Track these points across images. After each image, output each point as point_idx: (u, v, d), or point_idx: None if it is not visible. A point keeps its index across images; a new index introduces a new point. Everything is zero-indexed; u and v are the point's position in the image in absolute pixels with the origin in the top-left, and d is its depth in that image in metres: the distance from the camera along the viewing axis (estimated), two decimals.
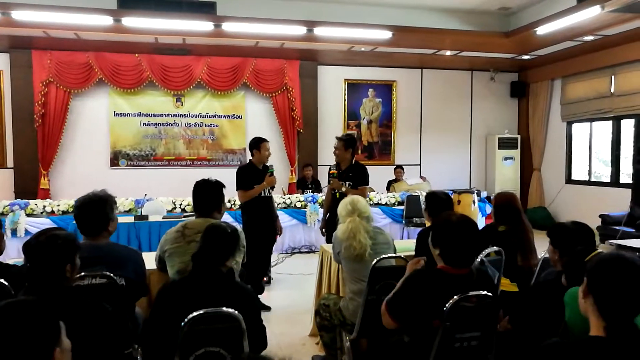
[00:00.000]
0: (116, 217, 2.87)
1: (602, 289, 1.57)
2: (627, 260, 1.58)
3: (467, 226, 2.28)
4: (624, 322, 1.53)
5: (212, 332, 2.05)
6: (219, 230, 2.41)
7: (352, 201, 3.46)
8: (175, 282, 2.39)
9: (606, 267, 1.59)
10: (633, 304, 1.55)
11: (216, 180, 3.20)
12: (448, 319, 2.17)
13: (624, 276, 1.55)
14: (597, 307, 1.57)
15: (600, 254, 1.69)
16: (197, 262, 2.31)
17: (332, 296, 3.61)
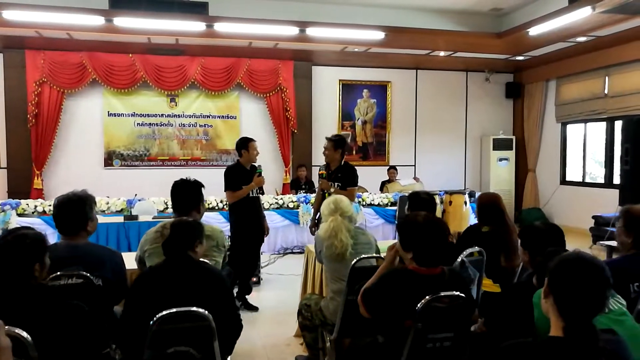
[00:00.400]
0: (96, 217, 2.86)
1: (561, 289, 1.57)
2: (587, 261, 1.58)
3: (433, 226, 2.28)
4: (582, 322, 1.53)
5: (181, 331, 2.05)
6: (182, 221, 2.57)
7: (335, 200, 3.46)
8: (148, 271, 2.44)
9: (566, 268, 1.59)
10: (592, 304, 1.54)
11: (195, 180, 3.19)
12: (420, 320, 2.16)
13: (583, 276, 1.55)
14: (556, 307, 1.57)
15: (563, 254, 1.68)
16: (167, 249, 2.43)
17: (314, 296, 3.61)
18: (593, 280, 1.54)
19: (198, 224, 2.61)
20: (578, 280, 1.55)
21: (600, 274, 1.56)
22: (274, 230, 7.77)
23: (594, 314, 1.56)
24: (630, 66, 8.25)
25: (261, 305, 5.15)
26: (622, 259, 2.62)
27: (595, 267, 1.56)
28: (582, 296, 1.53)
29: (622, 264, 2.56)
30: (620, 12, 6.46)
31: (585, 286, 1.54)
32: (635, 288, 2.45)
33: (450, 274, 2.29)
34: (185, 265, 2.38)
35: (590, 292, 1.54)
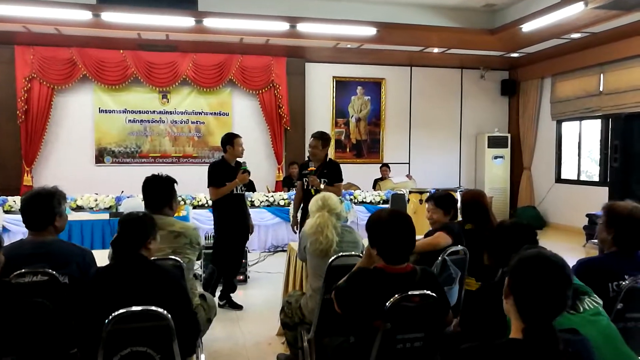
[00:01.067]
0: (65, 212, 2.79)
1: (521, 288, 1.50)
2: (548, 259, 1.51)
3: (398, 221, 2.21)
4: (542, 323, 1.46)
5: (138, 331, 1.98)
6: (130, 217, 2.46)
7: (323, 197, 3.42)
8: (99, 272, 2.33)
9: (525, 266, 1.52)
10: (552, 304, 1.48)
11: (167, 176, 3.13)
12: (389, 319, 2.09)
13: (543, 275, 1.48)
14: (516, 308, 1.50)
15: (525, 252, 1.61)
16: (116, 248, 2.34)
17: (296, 293, 3.54)
18: (553, 279, 1.48)
19: (149, 219, 2.49)
20: (538, 280, 1.48)
21: (561, 273, 1.49)
22: (265, 227, 7.72)
23: (554, 314, 1.49)
24: (625, 63, 8.17)
25: (247, 303, 5.09)
26: (601, 257, 2.55)
27: (556, 266, 1.50)
28: (542, 296, 1.47)
29: (601, 263, 2.49)
30: (613, 7, 6.38)
31: (545, 285, 1.47)
32: (614, 287, 2.38)
33: (422, 272, 2.22)
34: (137, 266, 2.27)
35: (550, 292, 1.47)
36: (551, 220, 10.09)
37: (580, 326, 1.89)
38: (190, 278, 3.08)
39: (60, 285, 2.52)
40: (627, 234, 2.45)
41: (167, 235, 2.99)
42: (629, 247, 2.47)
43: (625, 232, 2.45)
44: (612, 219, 2.50)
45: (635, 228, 2.44)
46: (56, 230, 2.72)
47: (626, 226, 2.44)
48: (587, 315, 1.95)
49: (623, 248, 2.47)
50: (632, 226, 2.44)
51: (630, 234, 2.45)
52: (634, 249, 2.48)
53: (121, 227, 2.40)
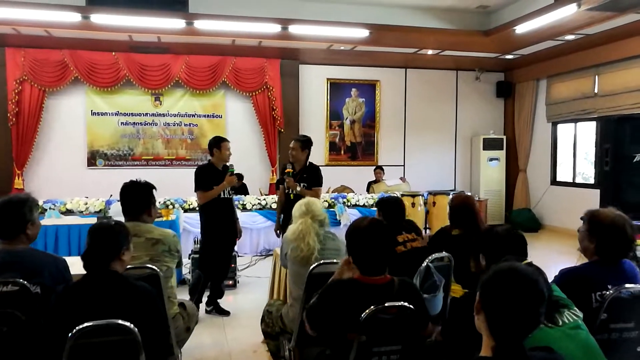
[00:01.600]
0: (38, 220, 2.72)
1: (492, 304, 1.44)
2: (521, 274, 1.44)
3: (376, 231, 2.15)
4: (513, 342, 1.40)
5: (103, 345, 1.91)
6: (101, 227, 2.31)
7: (307, 202, 3.36)
8: (66, 288, 2.23)
9: (497, 282, 1.45)
10: (524, 322, 1.41)
11: (145, 182, 3.06)
12: (364, 332, 2.03)
13: (515, 292, 1.41)
14: (487, 325, 1.44)
15: (500, 266, 1.55)
16: (86, 262, 2.20)
17: (277, 302, 3.48)
18: (525, 295, 1.41)
19: (122, 228, 2.37)
20: (509, 296, 1.41)
21: (534, 288, 1.42)
22: (257, 231, 7.66)
23: (526, 331, 1.42)
24: (620, 65, 8.12)
25: (235, 309, 5.03)
26: (583, 267, 2.47)
27: (529, 281, 1.43)
28: (513, 313, 1.40)
29: (584, 272, 2.42)
30: (606, 9, 6.32)
31: (516, 302, 1.41)
32: (598, 297, 2.31)
33: (400, 283, 2.16)
34: (106, 283, 2.16)
35: (522, 308, 1.41)
36: (546, 223, 10.03)
37: (559, 340, 1.84)
38: (169, 286, 3.00)
39: (31, 296, 2.46)
40: (610, 243, 2.38)
41: (144, 242, 2.93)
42: (612, 257, 2.40)
43: (608, 242, 2.38)
44: (595, 228, 2.43)
45: (618, 237, 2.37)
46: (28, 238, 2.66)
47: (609, 235, 2.37)
48: (566, 328, 1.89)
49: (605, 257, 2.40)
50: (614, 235, 2.37)
51: (613, 243, 2.38)
52: (616, 258, 2.41)
53: (91, 239, 2.26)
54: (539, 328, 1.84)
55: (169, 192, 7.71)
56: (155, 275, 2.73)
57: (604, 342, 2.29)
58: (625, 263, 2.44)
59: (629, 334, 2.35)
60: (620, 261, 2.42)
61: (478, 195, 10.30)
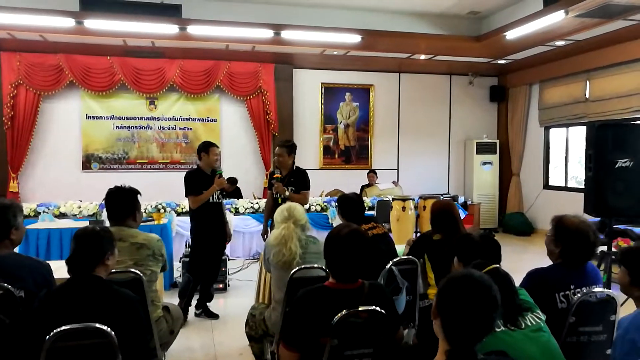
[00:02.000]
0: (22, 225, 2.78)
1: (447, 310, 1.49)
2: (475, 281, 1.50)
3: (353, 240, 2.19)
4: (465, 347, 1.45)
5: (80, 348, 1.96)
6: (86, 233, 2.33)
7: (289, 207, 3.41)
8: (49, 292, 2.27)
9: (452, 289, 1.51)
10: (477, 327, 1.47)
11: (130, 187, 3.12)
12: (336, 336, 2.08)
13: (469, 298, 1.47)
14: (442, 329, 1.49)
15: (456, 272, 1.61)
16: (70, 268, 2.23)
17: (261, 306, 3.54)
18: (479, 301, 1.47)
19: (106, 233, 2.39)
20: (463, 302, 1.47)
21: (488, 295, 1.48)
22: (249, 234, 7.72)
23: (479, 337, 1.48)
24: (610, 70, 8.19)
25: (225, 312, 5.09)
26: (548, 268, 2.55)
27: (483, 288, 1.49)
28: (466, 318, 1.46)
29: (548, 274, 2.50)
30: (594, 16, 6.40)
31: (470, 308, 1.46)
32: (562, 298, 2.40)
33: (370, 287, 2.21)
34: (89, 288, 2.18)
35: (475, 315, 1.46)
36: (539, 227, 10.08)
37: (521, 342, 1.91)
38: (153, 290, 3.06)
39: (15, 300, 2.50)
40: (574, 248, 2.47)
41: (129, 247, 2.98)
42: (575, 261, 2.49)
43: (572, 247, 2.47)
44: (560, 233, 2.53)
45: (582, 243, 2.46)
46: (12, 243, 2.70)
47: (573, 241, 2.47)
48: (528, 331, 1.95)
49: (569, 261, 2.49)
50: (578, 241, 2.46)
51: (577, 248, 2.47)
52: (580, 263, 2.50)
53: (76, 244, 2.29)
54: (503, 331, 1.91)
55: (164, 195, 7.78)
56: (139, 279, 2.78)
57: (573, 345, 2.37)
58: (588, 265, 2.54)
59: (597, 337, 2.41)
60: (584, 264, 2.51)
61: (471, 199, 10.37)
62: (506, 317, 1.95)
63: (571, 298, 2.38)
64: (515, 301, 1.99)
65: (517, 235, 9.98)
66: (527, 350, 1.86)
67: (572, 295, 2.39)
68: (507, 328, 1.90)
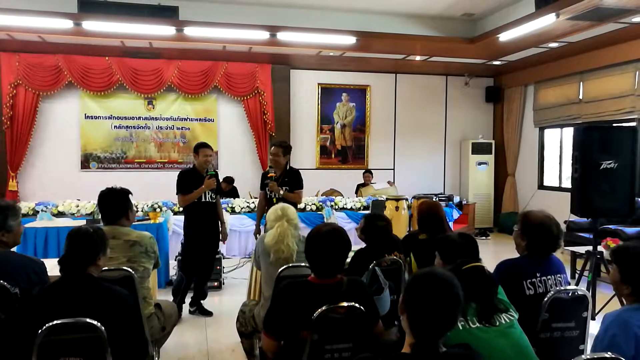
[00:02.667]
0: (17, 227, 2.84)
1: (413, 305, 1.58)
2: (439, 278, 1.59)
3: (332, 237, 2.29)
4: (429, 340, 1.54)
5: (71, 342, 2.05)
6: (80, 233, 2.39)
7: (282, 207, 3.51)
8: (42, 290, 2.36)
9: (417, 285, 1.60)
10: (440, 322, 1.56)
11: (121, 188, 3.21)
12: (316, 330, 2.17)
13: (433, 294, 1.56)
14: (409, 324, 1.58)
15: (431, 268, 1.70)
16: (62, 267, 2.30)
17: (251, 303, 3.63)
18: (442, 297, 1.56)
19: (99, 234, 2.46)
20: (427, 297, 1.56)
21: (450, 292, 1.57)
22: (245, 233, 7.80)
23: (442, 331, 1.57)
24: (604, 71, 8.28)
25: (218, 310, 5.18)
26: (516, 259, 2.72)
27: (446, 285, 1.58)
28: (430, 314, 1.55)
29: (516, 264, 2.67)
30: (586, 19, 6.47)
31: (434, 303, 1.55)
32: (529, 285, 2.54)
33: (348, 283, 2.30)
34: (82, 285, 2.25)
35: (439, 309, 1.55)
36: None
37: (494, 337, 1.99)
38: (145, 287, 3.15)
39: (10, 296, 2.59)
40: (538, 241, 2.64)
41: (122, 244, 3.07)
42: (540, 253, 2.65)
43: (537, 240, 2.64)
44: (525, 227, 2.69)
45: (545, 236, 2.63)
46: (6, 244, 2.78)
47: (537, 234, 2.63)
48: (502, 328, 2.03)
49: (535, 253, 2.65)
50: (542, 234, 2.63)
51: (541, 241, 2.64)
52: (544, 255, 2.66)
53: (70, 243, 2.35)
54: (477, 327, 2.00)
55: (161, 194, 7.87)
56: (130, 277, 2.87)
57: (546, 341, 2.46)
58: (553, 257, 2.71)
59: (570, 333, 2.51)
60: (548, 255, 2.68)
61: (467, 199, 10.46)
62: (481, 315, 2.04)
63: (538, 285, 2.55)
64: (493, 301, 2.08)
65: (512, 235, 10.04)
66: (499, 344, 1.95)
67: (539, 282, 2.56)
68: (481, 325, 2.00)
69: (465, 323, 1.97)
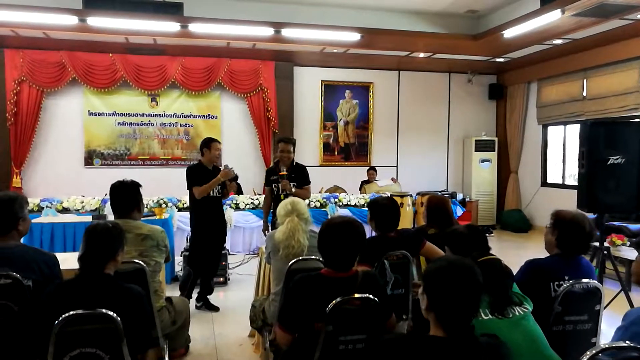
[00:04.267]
0: (28, 216, 2.87)
1: (437, 297, 1.59)
2: (459, 266, 1.60)
3: (347, 230, 2.29)
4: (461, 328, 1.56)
5: (87, 332, 2.06)
6: (98, 229, 2.38)
7: (292, 202, 3.49)
8: (59, 285, 2.34)
9: (439, 276, 1.61)
10: (466, 308, 1.57)
11: (132, 181, 3.23)
12: (330, 322, 2.18)
13: (457, 282, 1.57)
14: (435, 317, 1.59)
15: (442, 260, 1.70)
16: (82, 264, 2.29)
17: (261, 298, 3.64)
18: (467, 284, 1.57)
19: (118, 230, 2.45)
20: (453, 287, 1.57)
21: (473, 277, 1.59)
22: (249, 230, 7.82)
23: (470, 317, 1.58)
24: (607, 69, 8.28)
25: (224, 305, 5.19)
26: (546, 259, 2.68)
27: (468, 271, 1.59)
28: (457, 302, 1.56)
29: (545, 263, 2.63)
30: (591, 15, 6.47)
31: (459, 291, 1.56)
32: (555, 287, 2.51)
33: (363, 276, 2.31)
34: (98, 283, 2.25)
35: (465, 296, 1.56)
36: (537, 224, 10.18)
37: (507, 329, 2.01)
38: (156, 280, 3.16)
39: (24, 288, 2.60)
40: (570, 236, 2.60)
41: (134, 238, 3.08)
42: (571, 250, 2.62)
43: (568, 235, 2.61)
44: (557, 222, 2.67)
45: (577, 231, 2.59)
46: (19, 234, 2.80)
47: (569, 229, 2.60)
48: (514, 319, 2.04)
49: (565, 250, 2.62)
50: (574, 229, 2.60)
51: (573, 236, 2.60)
52: (575, 253, 2.63)
53: (89, 240, 2.33)
54: (489, 319, 2.01)
55: (165, 191, 7.87)
56: (142, 270, 2.88)
57: (559, 334, 2.47)
58: (583, 260, 2.66)
59: (582, 326, 2.51)
60: (578, 257, 2.64)
61: (470, 196, 10.47)
62: (494, 307, 2.05)
63: (561, 291, 2.47)
64: (507, 293, 2.10)
65: (515, 232, 10.07)
66: (512, 336, 1.96)
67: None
68: (494, 316, 2.00)
69: (477, 314, 1.98)
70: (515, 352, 1.83)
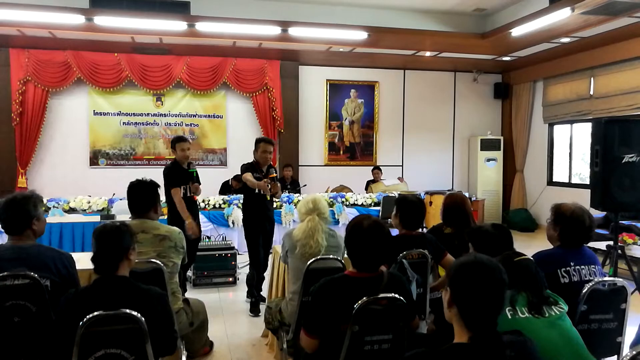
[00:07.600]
0: (43, 216, 2.84)
1: (462, 295, 1.56)
2: (483, 264, 1.57)
3: (375, 231, 2.26)
4: (487, 328, 1.52)
5: (111, 333, 2.03)
6: (106, 229, 2.33)
7: (314, 199, 3.44)
8: (77, 292, 2.29)
9: (463, 274, 1.58)
10: (492, 305, 1.54)
11: (150, 180, 3.20)
12: (356, 322, 2.15)
13: (481, 280, 1.54)
14: (459, 314, 1.56)
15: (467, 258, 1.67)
16: (96, 265, 2.26)
17: (276, 299, 3.61)
18: (492, 282, 1.55)
19: (127, 228, 2.39)
20: (478, 285, 1.54)
21: (498, 275, 1.56)
22: None
23: (495, 315, 1.55)
24: (615, 67, 8.25)
25: (234, 305, 5.16)
26: (552, 250, 2.76)
27: (493, 269, 1.57)
28: (482, 300, 1.53)
29: (551, 253, 2.72)
30: (600, 13, 6.44)
31: (484, 290, 1.54)
32: (563, 273, 2.58)
33: (389, 276, 2.28)
34: (117, 288, 2.21)
35: (490, 295, 1.54)
36: (543, 223, 10.12)
37: (543, 328, 1.98)
38: (174, 281, 3.13)
39: (41, 288, 2.57)
40: (570, 230, 2.68)
41: (152, 238, 3.05)
42: (572, 243, 2.69)
43: (569, 229, 2.68)
44: (558, 218, 2.74)
45: (577, 225, 2.67)
46: (35, 234, 2.76)
47: (570, 223, 2.68)
48: (551, 319, 2.02)
49: (567, 243, 2.69)
50: (574, 223, 2.67)
51: (573, 230, 2.68)
52: (576, 244, 2.70)
53: (98, 242, 2.28)
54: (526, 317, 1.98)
55: None
56: (159, 270, 2.85)
57: (584, 332, 2.44)
58: (585, 248, 2.74)
59: (608, 325, 2.49)
60: (581, 246, 2.72)
61: (475, 196, 10.43)
62: (532, 306, 2.03)
63: (572, 274, 2.59)
64: (544, 292, 2.07)
65: (521, 232, 10.03)
66: (549, 335, 1.94)
67: (573, 271, 2.60)
68: (531, 315, 1.98)
69: (514, 312, 1.95)
70: (553, 352, 1.81)
